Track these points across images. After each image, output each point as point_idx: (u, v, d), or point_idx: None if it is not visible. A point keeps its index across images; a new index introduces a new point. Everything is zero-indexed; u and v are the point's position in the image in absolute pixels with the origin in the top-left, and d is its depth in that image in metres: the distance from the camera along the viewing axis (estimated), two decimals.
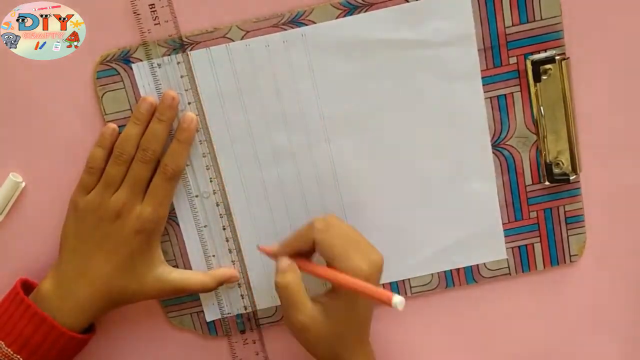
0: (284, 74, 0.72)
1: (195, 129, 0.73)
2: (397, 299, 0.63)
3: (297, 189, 0.75)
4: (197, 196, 0.75)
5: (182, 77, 0.72)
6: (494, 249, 0.77)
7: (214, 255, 0.76)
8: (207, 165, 0.74)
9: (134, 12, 0.71)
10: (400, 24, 0.71)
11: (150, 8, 0.71)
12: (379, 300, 0.65)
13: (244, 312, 0.78)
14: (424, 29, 0.71)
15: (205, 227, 0.76)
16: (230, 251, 0.76)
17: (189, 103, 0.73)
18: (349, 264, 0.67)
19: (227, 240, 0.76)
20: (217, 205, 0.75)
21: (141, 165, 0.71)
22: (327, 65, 0.72)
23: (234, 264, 0.76)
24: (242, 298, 0.77)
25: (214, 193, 0.75)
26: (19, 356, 0.69)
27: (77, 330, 0.72)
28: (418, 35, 0.72)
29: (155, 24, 0.71)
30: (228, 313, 0.78)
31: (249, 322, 0.78)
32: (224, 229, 0.76)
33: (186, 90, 0.73)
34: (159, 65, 0.72)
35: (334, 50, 0.72)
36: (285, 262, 0.70)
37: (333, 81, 0.73)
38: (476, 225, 0.76)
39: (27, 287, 0.73)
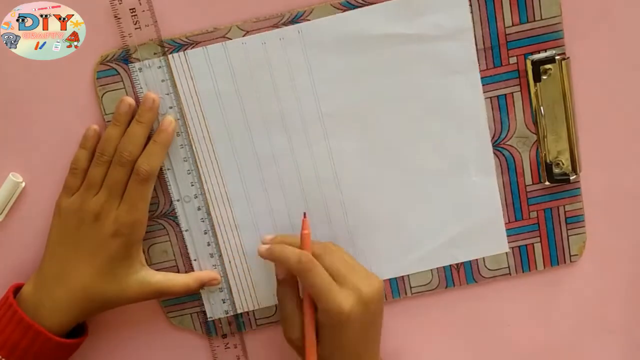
0: (281, 71, 0.72)
1: (173, 132, 0.72)
2: None
3: (295, 188, 0.75)
4: (178, 200, 0.75)
5: (162, 81, 0.72)
6: (495, 243, 0.76)
7: (195, 259, 0.76)
8: (188, 170, 0.74)
9: (115, 16, 0.71)
10: (397, 19, 0.71)
11: (131, 12, 0.71)
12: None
13: (225, 316, 0.78)
14: (421, 23, 0.71)
15: (186, 231, 0.76)
16: (211, 255, 0.76)
17: (170, 107, 0.73)
18: (327, 305, 0.68)
19: (209, 245, 0.76)
20: (199, 209, 0.75)
21: (118, 167, 0.71)
22: (325, 61, 0.72)
23: (215, 267, 0.76)
24: (224, 302, 0.77)
25: (195, 197, 0.75)
26: None
27: (60, 332, 0.71)
28: (415, 29, 0.71)
29: (136, 28, 0.71)
30: (210, 317, 0.78)
31: (229, 327, 0.78)
32: (205, 233, 0.76)
33: (167, 94, 0.72)
34: (139, 69, 0.72)
35: (331, 47, 0.72)
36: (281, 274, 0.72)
37: (331, 78, 0.72)
38: (477, 219, 0.76)
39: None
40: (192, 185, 0.74)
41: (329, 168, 0.75)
